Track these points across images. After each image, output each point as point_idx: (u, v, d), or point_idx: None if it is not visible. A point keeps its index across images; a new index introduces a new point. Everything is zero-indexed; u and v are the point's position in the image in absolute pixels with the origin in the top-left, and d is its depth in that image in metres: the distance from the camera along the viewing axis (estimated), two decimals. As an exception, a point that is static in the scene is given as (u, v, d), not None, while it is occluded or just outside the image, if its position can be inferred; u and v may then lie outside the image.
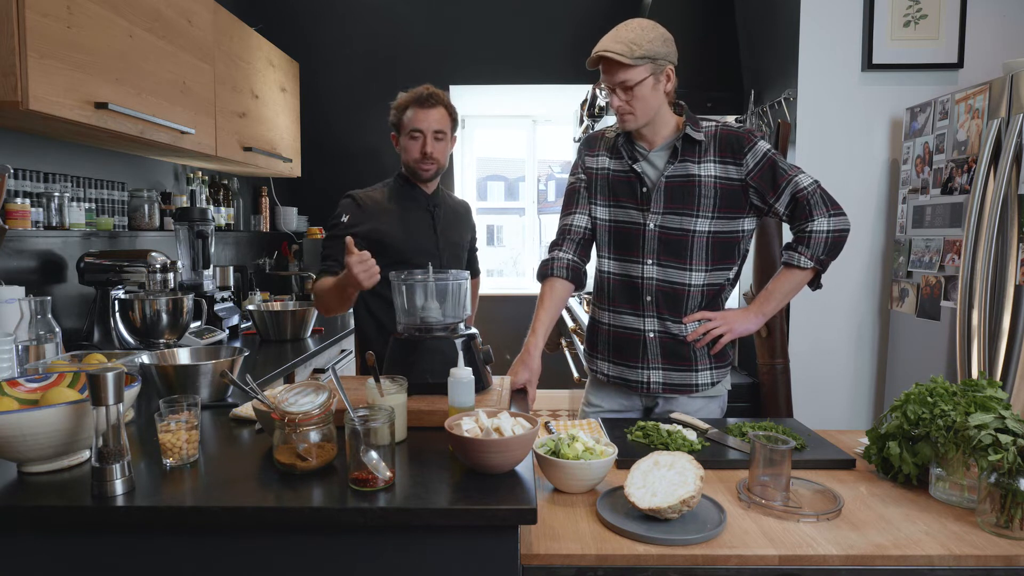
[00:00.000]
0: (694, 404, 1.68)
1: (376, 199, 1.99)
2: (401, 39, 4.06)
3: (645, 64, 1.52)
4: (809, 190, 1.55)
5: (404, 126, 1.93)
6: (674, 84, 1.58)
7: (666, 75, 1.55)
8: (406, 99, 1.93)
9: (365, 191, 2.01)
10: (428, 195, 2.02)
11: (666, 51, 1.54)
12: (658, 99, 1.57)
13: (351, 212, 1.95)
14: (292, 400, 1.09)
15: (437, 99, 1.92)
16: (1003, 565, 0.99)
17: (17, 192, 2.03)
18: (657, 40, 1.53)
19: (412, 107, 1.91)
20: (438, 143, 1.92)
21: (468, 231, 2.17)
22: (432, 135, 1.90)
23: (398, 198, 2.00)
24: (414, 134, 1.91)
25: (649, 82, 1.54)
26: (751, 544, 1.01)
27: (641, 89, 1.53)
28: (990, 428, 1.09)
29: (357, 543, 0.97)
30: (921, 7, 2.45)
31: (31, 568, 0.97)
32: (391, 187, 2.02)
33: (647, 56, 1.51)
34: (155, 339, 2.16)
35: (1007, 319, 1.84)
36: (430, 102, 1.90)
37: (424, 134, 1.90)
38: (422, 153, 1.91)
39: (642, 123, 1.59)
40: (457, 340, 1.40)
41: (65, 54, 1.75)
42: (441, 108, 1.92)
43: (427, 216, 2.00)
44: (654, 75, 1.54)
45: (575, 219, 1.73)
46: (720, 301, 1.67)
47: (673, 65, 1.56)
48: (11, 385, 1.17)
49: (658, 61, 1.53)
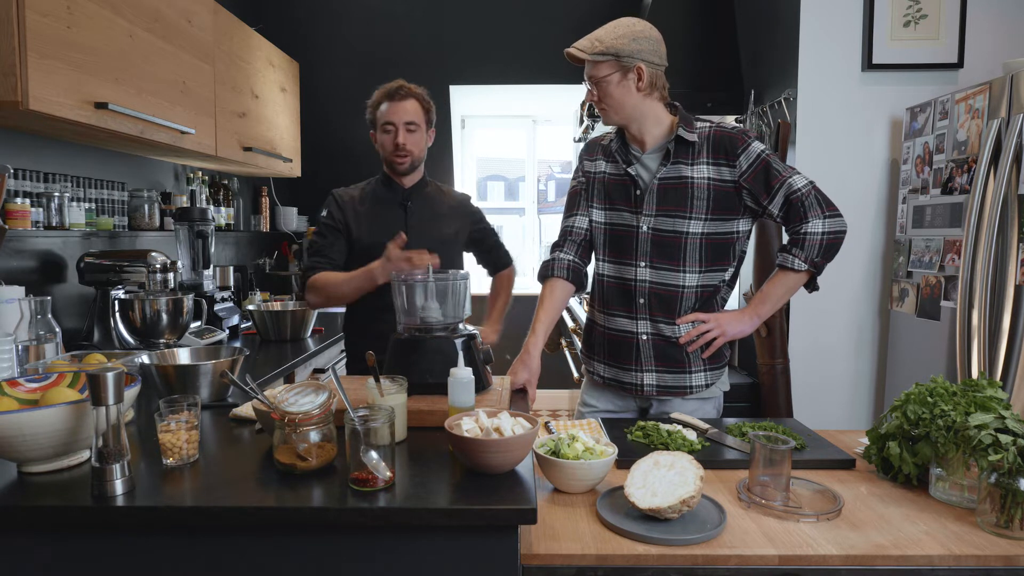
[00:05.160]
0: (688, 406, 1.68)
1: (352, 196, 2.02)
2: (401, 39, 4.06)
3: (608, 60, 1.53)
4: (803, 192, 1.53)
5: (378, 120, 1.95)
6: (653, 83, 1.56)
7: (636, 73, 1.54)
8: (379, 95, 1.96)
9: (347, 188, 2.05)
10: (405, 189, 2.01)
11: (634, 48, 1.52)
12: (630, 96, 1.56)
13: (330, 208, 2.00)
14: (292, 400, 1.09)
15: (408, 91, 1.93)
16: (1003, 565, 0.99)
17: (17, 192, 2.04)
18: (624, 37, 1.52)
19: (384, 101, 1.93)
20: (411, 134, 1.93)
21: (462, 225, 2.10)
22: (404, 127, 1.92)
23: (373, 195, 2.02)
24: (387, 127, 1.93)
25: (614, 78, 1.54)
26: (751, 544, 1.01)
27: (607, 85, 1.55)
28: (990, 428, 1.09)
29: (357, 543, 0.97)
30: (921, 7, 2.45)
31: (31, 568, 0.97)
32: (372, 184, 2.05)
33: (608, 52, 1.52)
34: (155, 339, 2.16)
35: (1007, 319, 1.84)
36: (400, 94, 1.92)
37: (396, 126, 1.91)
38: (395, 144, 1.92)
39: (617, 119, 1.61)
40: (457, 340, 1.40)
41: (65, 54, 1.75)
42: (412, 100, 1.93)
43: (400, 212, 2.00)
44: (620, 72, 1.54)
45: (576, 221, 1.74)
46: (715, 303, 1.66)
47: (649, 64, 1.54)
48: (11, 385, 1.17)
49: (623, 58, 1.52)
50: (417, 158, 1.98)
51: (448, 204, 2.09)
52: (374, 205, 2.00)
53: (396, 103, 1.92)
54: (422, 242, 1.94)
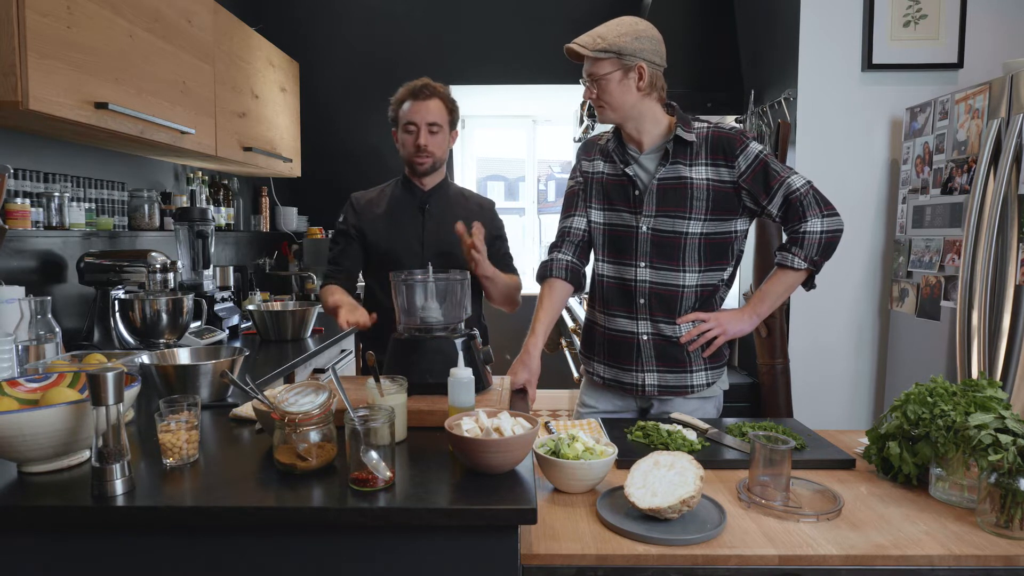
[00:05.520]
0: (689, 405, 1.68)
1: (370, 198, 1.99)
2: (401, 39, 4.06)
3: (609, 58, 1.53)
4: (802, 191, 1.54)
5: (400, 119, 1.90)
6: (653, 83, 1.56)
7: (638, 72, 1.54)
8: (403, 92, 1.90)
9: (365, 191, 2.01)
10: (424, 192, 1.96)
11: (636, 47, 1.52)
12: (629, 95, 1.56)
13: (346, 213, 1.97)
14: (292, 400, 1.09)
15: (432, 91, 1.87)
16: (1003, 565, 0.99)
17: (17, 192, 2.03)
18: (627, 36, 1.52)
19: (408, 100, 1.88)
20: (433, 136, 1.88)
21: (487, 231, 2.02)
22: (427, 127, 1.86)
23: (391, 197, 1.98)
24: (409, 127, 1.88)
25: (615, 76, 1.54)
26: (751, 544, 1.01)
27: (607, 83, 1.55)
28: (990, 428, 1.09)
29: (357, 543, 0.97)
30: (921, 7, 2.45)
31: (31, 568, 0.97)
32: (391, 186, 2.02)
33: (610, 50, 1.52)
34: (155, 339, 2.16)
35: (1007, 319, 1.84)
36: (424, 93, 1.86)
37: (418, 126, 1.86)
38: (416, 146, 1.87)
39: (614, 117, 1.61)
40: (457, 340, 1.40)
41: (65, 54, 1.75)
42: (437, 100, 1.88)
43: (418, 215, 1.95)
44: (621, 70, 1.54)
45: (574, 222, 1.74)
46: (714, 302, 1.67)
47: (650, 64, 1.54)
48: (11, 385, 1.17)
49: (625, 57, 1.52)
50: (439, 160, 1.93)
51: (469, 208, 2.01)
52: (392, 209, 1.96)
53: (420, 102, 1.86)
54: (441, 246, 1.93)
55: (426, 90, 1.87)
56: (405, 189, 1.98)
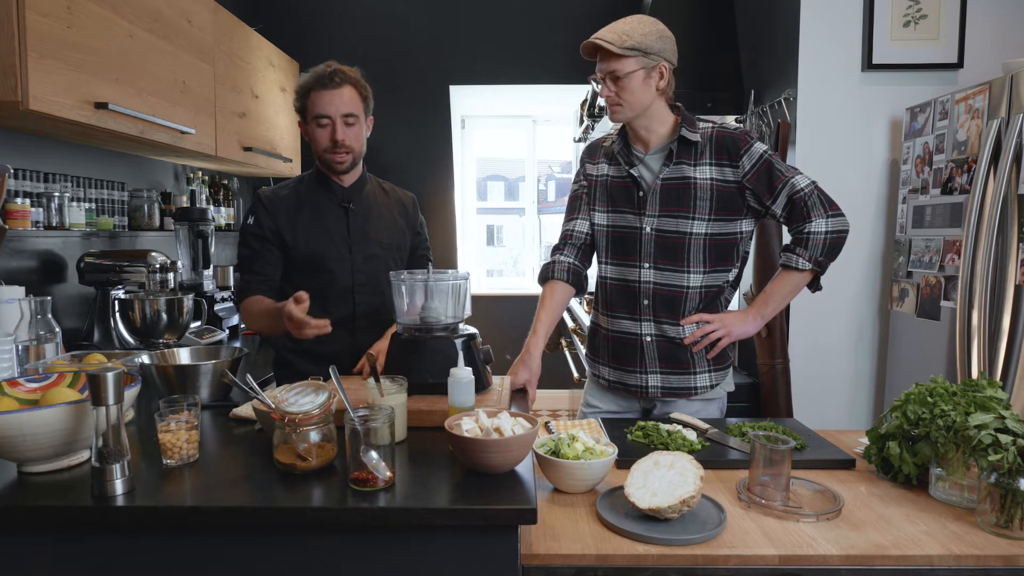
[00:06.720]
0: (692, 406, 1.68)
1: (284, 197, 1.77)
2: (401, 39, 4.06)
3: (636, 56, 1.52)
4: (806, 191, 1.54)
5: (309, 112, 1.69)
6: (668, 83, 1.57)
7: (659, 72, 1.54)
8: (308, 79, 1.68)
9: (275, 188, 1.80)
10: (345, 188, 1.78)
11: (660, 47, 1.53)
12: (649, 94, 1.56)
13: (258, 214, 1.75)
14: (292, 400, 1.09)
15: (344, 77, 1.68)
16: (1003, 565, 0.99)
17: (17, 192, 2.04)
18: (651, 35, 1.52)
19: (315, 89, 1.67)
20: (350, 128, 1.69)
21: (408, 228, 1.89)
22: (341, 120, 1.67)
23: (309, 195, 1.78)
24: (321, 121, 1.67)
25: (639, 75, 1.53)
26: (751, 544, 1.01)
27: (630, 81, 1.53)
28: (990, 428, 1.09)
29: (357, 543, 0.97)
30: (921, 7, 2.45)
31: (31, 568, 0.97)
32: (304, 183, 1.81)
33: (637, 48, 1.51)
34: (155, 339, 2.16)
35: (1007, 319, 1.84)
36: (335, 81, 1.66)
37: (332, 119, 1.67)
38: (332, 141, 1.68)
39: (630, 116, 1.59)
40: (457, 340, 1.40)
41: (65, 54, 1.75)
42: (349, 87, 1.69)
43: (341, 214, 1.78)
44: (645, 69, 1.53)
45: (577, 225, 1.74)
46: (719, 303, 1.66)
47: (669, 64, 1.56)
48: (11, 385, 1.17)
49: (650, 55, 1.52)
50: (358, 154, 1.75)
51: (392, 205, 1.88)
52: (311, 208, 1.76)
53: (330, 92, 1.66)
54: (367, 247, 1.78)
55: (337, 76, 1.67)
56: (322, 186, 1.78)
